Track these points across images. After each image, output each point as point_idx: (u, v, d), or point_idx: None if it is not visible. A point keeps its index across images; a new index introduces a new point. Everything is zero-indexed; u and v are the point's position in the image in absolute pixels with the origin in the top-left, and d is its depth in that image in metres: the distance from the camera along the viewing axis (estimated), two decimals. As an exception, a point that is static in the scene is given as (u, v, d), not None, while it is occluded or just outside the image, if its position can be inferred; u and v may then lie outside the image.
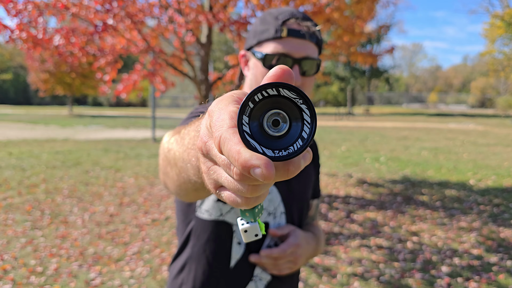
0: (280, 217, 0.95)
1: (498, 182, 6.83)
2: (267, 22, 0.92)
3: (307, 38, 0.90)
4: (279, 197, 0.94)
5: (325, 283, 3.14)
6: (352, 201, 5.69)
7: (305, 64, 0.90)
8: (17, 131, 16.39)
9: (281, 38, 0.89)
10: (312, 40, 0.91)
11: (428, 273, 3.30)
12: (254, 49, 0.94)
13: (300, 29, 0.89)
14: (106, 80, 4.19)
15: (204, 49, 4.49)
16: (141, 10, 4.02)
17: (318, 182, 1.12)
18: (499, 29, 27.49)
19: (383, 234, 4.30)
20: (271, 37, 0.90)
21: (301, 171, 0.76)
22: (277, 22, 0.90)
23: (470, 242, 4.05)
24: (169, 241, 4.08)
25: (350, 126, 20.34)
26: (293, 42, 0.89)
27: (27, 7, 4.19)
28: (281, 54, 0.89)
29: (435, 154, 10.15)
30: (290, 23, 0.89)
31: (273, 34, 0.89)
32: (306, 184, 1.01)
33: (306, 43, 0.90)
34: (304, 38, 0.89)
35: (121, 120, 24.20)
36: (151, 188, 6.39)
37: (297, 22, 0.90)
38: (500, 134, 15.64)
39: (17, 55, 58.23)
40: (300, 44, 0.89)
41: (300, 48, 0.89)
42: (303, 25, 0.90)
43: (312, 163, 1.06)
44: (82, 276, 3.22)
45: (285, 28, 0.89)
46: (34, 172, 7.55)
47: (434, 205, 5.43)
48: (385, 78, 39.14)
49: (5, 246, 3.86)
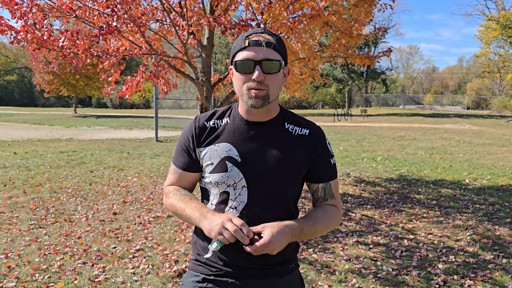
0: (242, 190, 1.20)
1: (493, 181, 6.94)
2: (238, 40, 1.20)
3: (265, 46, 1.15)
4: (241, 176, 1.20)
5: (323, 279, 3.20)
6: (349, 199, 5.79)
7: (265, 64, 1.14)
8: (22, 131, 16.43)
9: (245, 48, 1.16)
10: (270, 47, 1.16)
11: (425, 270, 3.35)
12: (232, 60, 1.21)
13: (258, 39, 1.15)
14: (109, 81, 4.27)
15: (205, 52, 4.58)
16: (144, 14, 4.09)
17: (322, 169, 1.30)
18: (495, 32, 27.72)
19: (380, 231, 4.39)
20: (238, 48, 1.18)
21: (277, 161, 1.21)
22: (243, 37, 1.18)
23: (466, 240, 4.11)
24: (171, 238, 4.16)
25: (347, 126, 20.46)
26: (254, 49, 1.15)
27: (31, 9, 4.25)
28: (246, 59, 1.15)
29: (431, 154, 10.27)
30: (251, 37, 1.17)
31: (240, 46, 1.17)
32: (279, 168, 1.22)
33: (264, 49, 1.15)
34: (262, 46, 1.15)
35: (125, 120, 24.22)
36: (154, 187, 6.46)
37: (257, 35, 1.17)
38: (495, 134, 15.79)
39: (22, 57, 58.14)
40: (259, 50, 1.15)
41: (259, 53, 1.15)
42: (261, 37, 1.16)
43: (305, 153, 1.25)
44: (86, 273, 3.27)
45: (247, 40, 1.16)
46: (39, 171, 7.62)
47: (430, 204, 5.53)
48: (382, 79, 39.28)
49: (10, 244, 3.92)
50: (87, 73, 27.93)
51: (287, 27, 4.38)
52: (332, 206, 1.31)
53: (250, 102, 1.17)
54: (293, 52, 5.09)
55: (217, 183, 1.22)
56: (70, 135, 14.86)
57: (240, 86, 1.19)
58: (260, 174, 1.20)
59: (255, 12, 4.47)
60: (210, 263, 1.25)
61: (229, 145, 1.22)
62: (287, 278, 1.27)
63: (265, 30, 1.20)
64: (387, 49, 6.40)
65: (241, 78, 1.17)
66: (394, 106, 50.81)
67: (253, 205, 1.20)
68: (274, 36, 1.19)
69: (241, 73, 1.17)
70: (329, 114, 32.40)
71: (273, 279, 1.23)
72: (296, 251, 1.32)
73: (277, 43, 1.18)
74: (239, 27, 4.07)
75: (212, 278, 1.24)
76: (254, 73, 1.14)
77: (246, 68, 1.15)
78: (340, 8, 4.82)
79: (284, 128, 1.27)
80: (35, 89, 47.47)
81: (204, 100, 4.54)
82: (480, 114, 34.96)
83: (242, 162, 1.21)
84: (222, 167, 1.21)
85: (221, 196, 1.23)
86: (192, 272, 1.29)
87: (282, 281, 1.25)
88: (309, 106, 50.17)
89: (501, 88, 50.29)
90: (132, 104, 49.61)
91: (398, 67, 72.91)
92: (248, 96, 1.17)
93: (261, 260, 1.20)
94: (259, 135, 1.23)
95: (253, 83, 1.15)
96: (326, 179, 1.31)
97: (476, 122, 23.20)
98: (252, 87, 1.16)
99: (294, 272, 1.30)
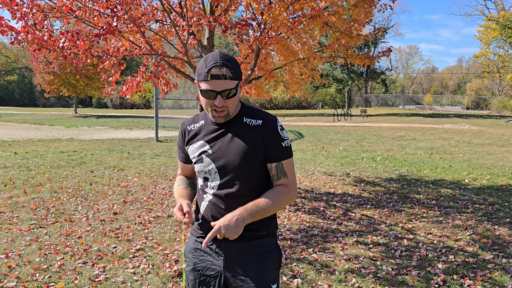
0: (215, 175, 1.55)
1: (493, 181, 6.96)
2: (201, 68, 1.44)
3: (224, 78, 1.42)
4: (212, 164, 1.55)
5: (323, 279, 3.20)
6: (349, 199, 5.80)
7: (224, 93, 1.44)
8: (23, 131, 16.44)
9: (208, 80, 1.43)
10: (227, 78, 1.42)
11: (424, 270, 3.36)
12: (198, 83, 1.48)
13: (218, 74, 1.41)
14: (110, 81, 4.27)
15: (206, 52, 4.59)
16: (144, 14, 4.10)
17: (274, 150, 1.55)
18: (494, 32, 27.74)
19: (379, 231, 4.40)
20: (202, 79, 1.44)
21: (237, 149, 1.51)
22: (206, 69, 1.42)
23: (465, 240, 4.12)
24: (171, 238, 4.17)
25: (347, 126, 20.48)
26: (215, 83, 1.42)
27: (31, 10, 4.26)
28: (208, 90, 1.43)
29: (430, 154, 10.29)
30: (212, 71, 1.41)
31: (203, 77, 1.43)
32: (238, 154, 1.51)
33: (223, 82, 1.42)
34: (221, 79, 1.42)
35: (125, 120, 24.23)
36: (154, 187, 6.48)
37: (216, 68, 1.41)
38: (495, 134, 15.81)
39: (22, 57, 58.18)
40: (219, 83, 1.42)
41: (219, 85, 1.43)
42: (221, 71, 1.41)
43: (259, 139, 1.53)
44: (86, 273, 3.28)
45: (209, 74, 1.41)
46: (39, 171, 7.63)
47: (430, 204, 5.54)
48: (382, 80, 39.26)
49: (10, 244, 3.93)
50: (88, 73, 27.99)
51: (287, 27, 4.39)
52: (282, 185, 1.58)
53: (215, 119, 1.51)
54: (293, 52, 5.10)
55: (199, 171, 1.59)
56: (70, 135, 14.88)
57: (206, 106, 1.50)
58: (226, 161, 1.53)
59: (255, 12, 4.47)
60: (199, 227, 1.64)
61: (203, 142, 1.58)
62: (257, 243, 1.57)
63: (223, 61, 1.43)
64: (386, 49, 6.41)
65: (206, 101, 1.48)
66: (394, 106, 50.84)
67: (225, 185, 1.54)
68: (231, 65, 1.45)
69: (205, 98, 1.47)
70: (329, 114, 32.43)
71: (246, 242, 1.54)
72: (268, 223, 1.59)
73: (233, 73, 1.44)
74: (239, 27, 4.08)
75: (200, 240, 1.62)
76: (216, 101, 1.45)
77: (209, 96, 1.45)
78: (340, 9, 4.83)
79: (243, 121, 1.56)
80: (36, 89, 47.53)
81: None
82: (479, 114, 34.98)
83: (212, 154, 1.55)
84: (200, 159, 1.58)
85: (204, 180, 1.59)
86: (190, 235, 1.71)
87: (253, 244, 1.55)
88: (309, 106, 50.19)
89: (500, 88, 50.35)
90: (132, 104, 49.62)
91: (397, 67, 73.06)
92: (212, 115, 1.50)
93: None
94: (223, 131, 1.55)
95: (215, 107, 1.47)
96: (278, 158, 1.56)
97: (475, 122, 23.22)
98: (215, 109, 1.48)
99: (266, 239, 1.59)
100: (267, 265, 1.57)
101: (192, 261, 1.63)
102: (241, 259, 1.55)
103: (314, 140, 13.86)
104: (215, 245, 1.58)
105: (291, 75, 6.03)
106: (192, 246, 1.65)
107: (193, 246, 1.64)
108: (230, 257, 1.56)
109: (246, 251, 1.56)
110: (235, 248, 1.55)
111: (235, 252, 1.56)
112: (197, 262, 1.61)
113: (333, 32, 5.40)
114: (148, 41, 4.33)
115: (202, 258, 1.60)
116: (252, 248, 1.56)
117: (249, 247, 1.56)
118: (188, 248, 1.66)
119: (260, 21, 4.41)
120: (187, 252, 1.66)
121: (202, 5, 4.93)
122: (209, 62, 1.43)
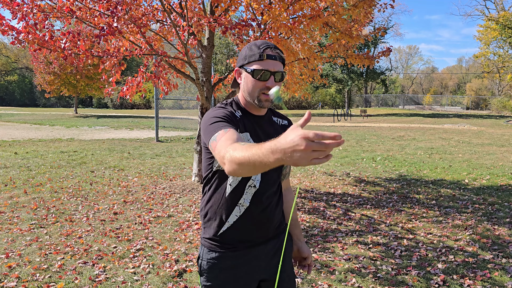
0: None
1: (493, 181, 6.96)
2: (253, 50, 1.44)
3: (278, 60, 1.43)
4: None
5: (323, 279, 3.21)
6: (349, 199, 5.80)
7: (277, 75, 1.43)
8: (23, 131, 16.46)
9: (262, 60, 1.41)
10: (280, 61, 1.45)
11: (424, 270, 3.36)
12: (245, 66, 1.46)
13: (274, 54, 1.42)
14: (110, 81, 4.28)
15: (206, 52, 4.59)
16: (144, 14, 4.11)
17: None
18: (494, 32, 27.75)
19: (379, 231, 4.40)
20: (256, 59, 1.42)
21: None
22: (259, 50, 1.42)
23: (465, 239, 4.12)
24: (171, 238, 4.17)
25: (347, 126, 20.48)
26: (270, 62, 1.42)
27: (32, 10, 4.27)
28: (264, 69, 1.41)
29: (430, 154, 10.29)
30: (267, 51, 1.42)
31: (258, 57, 1.42)
32: None
33: (277, 63, 1.43)
34: (275, 60, 1.42)
35: (125, 120, 24.23)
36: (155, 187, 6.48)
37: (271, 50, 1.42)
38: (495, 134, 15.81)
39: (23, 57, 58.16)
40: (274, 63, 1.42)
41: (274, 65, 1.42)
42: (275, 52, 1.43)
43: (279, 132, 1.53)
44: (87, 273, 3.28)
45: (265, 54, 1.41)
46: (40, 171, 7.64)
47: (430, 204, 5.55)
48: (382, 80, 39.26)
49: (11, 244, 3.93)
50: (88, 73, 27.97)
51: (287, 27, 4.40)
52: (290, 188, 1.75)
53: (261, 104, 1.44)
54: (293, 52, 5.11)
55: None
56: (71, 135, 14.88)
57: (254, 89, 1.44)
58: None
59: (255, 12, 4.48)
60: (224, 238, 1.50)
61: (248, 134, 1.49)
62: (282, 237, 1.61)
63: (273, 45, 1.46)
64: (386, 48, 6.42)
65: (256, 83, 1.43)
66: (394, 106, 50.84)
67: (265, 182, 1.50)
68: (280, 51, 1.48)
69: (257, 79, 1.42)
70: (329, 114, 32.44)
71: (273, 241, 1.56)
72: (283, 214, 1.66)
73: (283, 57, 1.48)
74: (239, 28, 4.09)
75: (229, 254, 1.49)
76: (268, 82, 1.41)
77: (263, 76, 1.41)
78: (340, 9, 4.84)
79: (272, 120, 1.59)
80: (36, 90, 47.49)
81: (205, 100, 4.55)
82: (479, 114, 34.98)
83: None
84: None
85: (239, 180, 1.46)
86: (208, 249, 1.53)
87: (279, 240, 1.59)
88: (309, 106, 50.18)
89: (500, 88, 50.36)
90: (132, 104, 49.60)
91: (397, 68, 73.06)
92: (259, 99, 1.44)
93: (271, 231, 1.55)
94: (262, 126, 1.53)
95: (266, 89, 1.42)
96: None
97: (475, 122, 23.23)
98: (263, 92, 1.43)
99: (284, 230, 1.64)
100: (289, 253, 1.65)
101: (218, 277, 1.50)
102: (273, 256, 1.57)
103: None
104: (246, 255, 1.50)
105: (291, 75, 6.03)
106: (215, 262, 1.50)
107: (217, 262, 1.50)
108: (264, 259, 1.54)
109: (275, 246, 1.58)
110: (267, 249, 1.55)
111: (267, 252, 1.55)
112: (227, 277, 1.51)
113: (333, 33, 5.41)
114: (148, 41, 4.34)
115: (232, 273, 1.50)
116: (280, 242, 1.60)
117: (278, 243, 1.59)
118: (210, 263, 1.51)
119: (260, 22, 4.41)
120: (208, 267, 1.52)
121: (202, 6, 4.93)
122: (262, 44, 1.43)
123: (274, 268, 1.57)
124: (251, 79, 1.43)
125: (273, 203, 1.52)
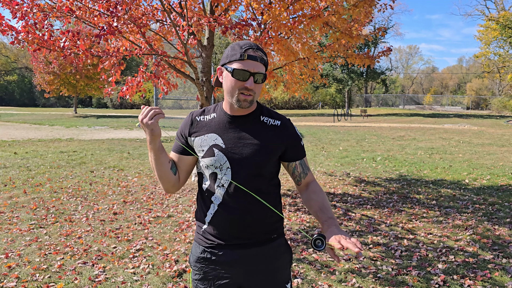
0: (226, 170, 1.49)
1: (493, 181, 6.95)
2: (235, 49, 1.45)
3: (259, 61, 1.43)
4: (225, 158, 1.49)
5: (323, 279, 3.21)
6: (349, 199, 5.80)
7: (257, 76, 1.43)
8: (23, 131, 16.47)
9: (243, 60, 1.41)
10: (262, 62, 1.45)
11: (424, 270, 3.36)
12: (226, 65, 1.47)
13: (255, 55, 1.42)
14: (110, 81, 4.27)
15: (206, 52, 4.59)
16: (144, 14, 4.10)
17: (294, 150, 1.59)
18: (494, 32, 27.74)
19: (380, 231, 4.39)
20: (237, 59, 1.43)
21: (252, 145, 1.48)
22: (241, 49, 1.43)
23: (466, 240, 4.12)
24: (171, 238, 4.16)
25: (347, 126, 20.47)
26: (250, 63, 1.42)
27: (32, 10, 4.26)
28: (243, 70, 1.42)
29: (430, 154, 10.28)
30: (249, 51, 1.42)
31: (239, 57, 1.42)
32: (255, 150, 1.50)
33: (258, 64, 1.43)
34: (256, 61, 1.43)
35: (125, 120, 24.22)
36: (154, 187, 6.47)
37: (253, 51, 1.43)
38: (495, 134, 15.81)
39: (22, 57, 58.23)
40: (254, 64, 1.42)
41: (254, 66, 1.42)
42: (257, 53, 1.43)
43: (278, 139, 1.54)
44: (86, 273, 3.28)
45: (246, 54, 1.41)
46: (39, 171, 7.63)
47: (430, 204, 5.54)
48: (382, 80, 39.25)
49: (10, 244, 3.93)
50: (88, 73, 28.01)
51: (287, 27, 4.39)
52: (313, 182, 1.64)
53: (240, 104, 1.45)
54: (293, 52, 5.10)
55: (207, 166, 1.51)
56: (70, 135, 14.89)
57: (232, 88, 1.45)
58: (240, 156, 1.50)
59: (255, 12, 4.47)
60: (206, 235, 1.56)
61: (215, 135, 1.52)
62: (271, 246, 1.55)
63: (256, 46, 1.47)
64: (386, 48, 6.41)
65: (235, 82, 1.44)
66: (394, 106, 50.83)
67: (236, 181, 1.49)
68: (263, 53, 1.49)
69: (236, 79, 1.43)
70: (329, 114, 32.43)
71: (256, 248, 1.53)
72: (278, 224, 1.59)
73: (265, 59, 1.48)
74: (239, 27, 4.08)
75: (210, 250, 1.54)
76: (247, 82, 1.42)
77: (242, 76, 1.42)
78: (340, 9, 4.83)
79: (260, 120, 1.55)
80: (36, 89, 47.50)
81: (204, 100, 4.55)
82: (479, 114, 34.97)
83: (226, 148, 1.50)
84: (211, 153, 1.51)
85: (211, 176, 1.52)
86: (196, 243, 1.62)
87: (266, 248, 1.54)
88: (309, 106, 50.18)
89: (500, 88, 50.34)
90: (132, 104, 49.60)
91: (397, 67, 73.05)
92: (238, 98, 1.45)
93: (247, 234, 1.51)
94: (239, 126, 1.52)
95: (245, 89, 1.43)
96: (300, 156, 1.61)
97: (475, 122, 23.22)
98: (242, 92, 1.44)
99: (277, 241, 1.58)
100: (280, 265, 1.57)
101: (202, 270, 1.57)
102: (254, 265, 1.53)
103: (314, 140, 13.86)
104: (226, 255, 1.53)
105: (291, 75, 6.03)
106: (200, 255, 1.58)
107: (202, 256, 1.57)
108: (243, 265, 1.52)
109: (259, 256, 1.53)
110: (248, 255, 1.52)
111: (249, 258, 1.53)
112: (208, 271, 1.56)
113: (333, 32, 5.41)
114: (148, 41, 4.33)
115: (213, 267, 1.55)
116: (265, 252, 1.54)
117: (262, 252, 1.54)
118: (195, 257, 1.60)
119: (260, 21, 4.41)
120: (194, 261, 1.61)
121: (202, 5, 4.93)
122: (244, 44, 1.44)
123: (256, 279, 1.53)
124: (230, 78, 1.45)
125: (247, 204, 1.47)
